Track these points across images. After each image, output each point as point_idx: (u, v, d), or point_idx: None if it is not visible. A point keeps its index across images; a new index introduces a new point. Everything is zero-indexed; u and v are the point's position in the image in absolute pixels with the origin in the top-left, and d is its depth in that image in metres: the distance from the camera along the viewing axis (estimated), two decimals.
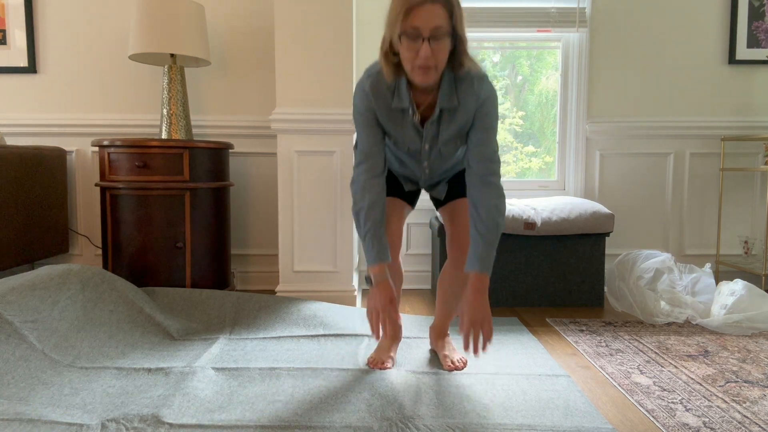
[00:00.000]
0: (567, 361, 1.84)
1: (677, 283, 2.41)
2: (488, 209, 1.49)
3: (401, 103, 1.49)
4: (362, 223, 1.53)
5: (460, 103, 1.48)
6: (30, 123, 2.89)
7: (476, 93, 1.48)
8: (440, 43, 1.35)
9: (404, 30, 1.35)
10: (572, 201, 2.60)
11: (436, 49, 1.35)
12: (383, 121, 1.54)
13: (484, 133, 1.51)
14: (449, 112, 1.51)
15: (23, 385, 1.52)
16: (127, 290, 2.10)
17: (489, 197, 1.49)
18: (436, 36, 1.34)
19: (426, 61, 1.36)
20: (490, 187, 1.50)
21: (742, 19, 2.94)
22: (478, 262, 1.50)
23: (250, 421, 1.35)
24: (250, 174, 2.95)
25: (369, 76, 1.52)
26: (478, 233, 1.50)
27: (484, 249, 1.49)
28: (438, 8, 1.34)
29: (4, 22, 2.86)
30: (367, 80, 1.52)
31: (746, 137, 2.85)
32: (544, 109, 3.11)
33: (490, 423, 1.36)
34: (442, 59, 1.38)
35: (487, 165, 1.51)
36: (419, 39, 1.34)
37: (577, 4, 2.90)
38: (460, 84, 1.48)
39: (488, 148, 1.51)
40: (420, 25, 1.33)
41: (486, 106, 1.49)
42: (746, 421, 1.39)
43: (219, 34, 2.88)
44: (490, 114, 1.50)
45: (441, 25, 1.33)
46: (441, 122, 1.53)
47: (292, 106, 2.47)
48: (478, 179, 1.51)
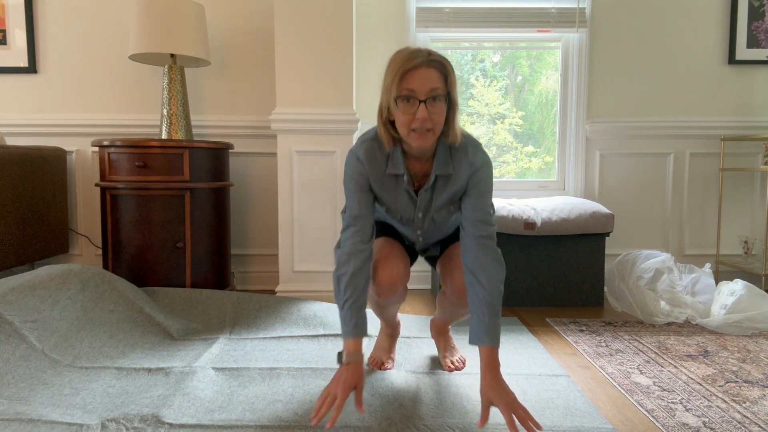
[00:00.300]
0: (567, 361, 1.84)
1: (677, 283, 2.41)
2: (489, 276, 1.40)
3: (395, 170, 1.46)
4: (342, 290, 1.42)
5: (455, 169, 1.46)
6: (30, 123, 2.89)
7: (470, 161, 1.45)
8: (436, 106, 1.33)
9: (400, 93, 1.33)
10: (572, 201, 2.60)
11: (432, 111, 1.33)
12: (376, 187, 1.50)
13: (479, 198, 1.46)
14: (444, 179, 1.47)
15: (23, 385, 1.52)
16: (127, 290, 2.10)
17: (488, 262, 1.41)
18: (433, 98, 1.32)
19: (423, 124, 1.33)
20: (488, 250, 1.43)
21: (742, 19, 2.94)
22: (487, 336, 1.37)
23: (250, 421, 1.36)
24: (250, 174, 2.95)
25: (363, 142, 1.49)
26: (482, 302, 1.39)
27: (491, 319, 1.38)
28: (433, 72, 1.33)
29: (4, 22, 2.86)
30: (360, 147, 1.48)
31: (746, 137, 2.85)
32: (544, 109, 3.11)
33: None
34: (439, 122, 1.36)
35: (482, 227, 1.45)
36: (415, 102, 1.33)
37: (577, 4, 2.91)
38: (455, 151, 1.45)
39: (483, 211, 1.46)
40: (416, 88, 1.32)
41: (480, 173, 1.46)
42: (746, 421, 1.39)
43: (219, 34, 2.88)
44: (484, 180, 1.46)
45: (437, 87, 1.32)
46: (435, 189, 1.49)
47: (292, 106, 2.47)
48: (474, 241, 1.44)
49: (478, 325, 1.39)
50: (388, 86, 1.36)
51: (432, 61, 1.33)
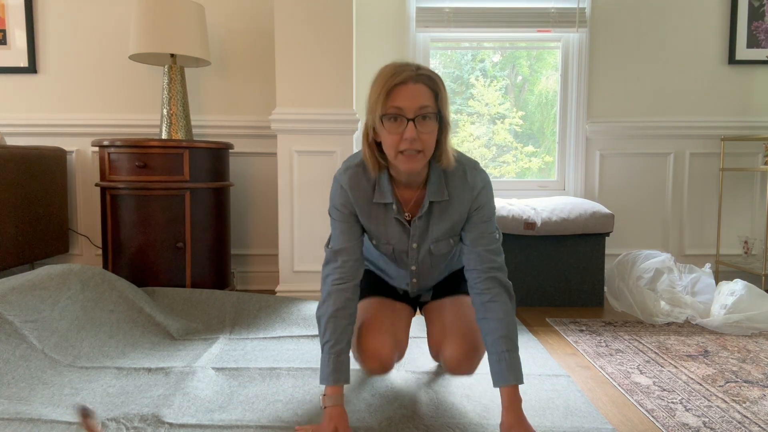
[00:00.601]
0: (567, 361, 1.84)
1: (677, 283, 2.41)
2: (504, 311, 1.28)
3: (383, 198, 1.33)
4: (321, 332, 1.31)
5: (451, 196, 1.33)
6: (30, 123, 2.89)
7: (471, 184, 1.33)
8: (426, 125, 1.21)
9: (386, 112, 1.21)
10: (572, 201, 2.60)
11: (422, 131, 1.21)
12: (363, 218, 1.37)
13: (483, 225, 1.34)
14: (439, 206, 1.35)
15: (23, 385, 1.52)
16: (127, 290, 2.10)
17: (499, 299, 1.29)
18: (423, 116, 1.20)
19: (412, 144, 1.20)
20: (498, 286, 1.31)
21: (742, 19, 2.94)
22: (511, 374, 1.25)
23: (250, 421, 1.36)
24: (250, 174, 2.95)
25: (347, 169, 1.36)
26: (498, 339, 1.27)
27: (511, 355, 1.26)
28: (422, 88, 1.21)
29: (4, 22, 2.86)
30: (344, 174, 1.35)
31: (746, 137, 2.85)
32: (544, 109, 3.11)
33: (490, 423, 1.36)
34: (430, 142, 1.23)
35: (489, 259, 1.32)
36: (403, 120, 1.20)
37: (577, 4, 2.91)
38: (451, 176, 1.33)
39: (490, 240, 1.34)
40: (403, 105, 1.19)
41: (482, 198, 1.34)
42: (746, 421, 1.39)
43: (219, 34, 2.88)
44: (486, 205, 1.35)
45: (427, 105, 1.20)
46: (431, 217, 1.36)
47: (292, 106, 2.48)
48: (482, 277, 1.31)
49: (498, 363, 1.26)
50: (372, 104, 1.24)
51: (421, 75, 1.21)
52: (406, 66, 1.22)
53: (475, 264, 1.33)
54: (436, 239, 1.39)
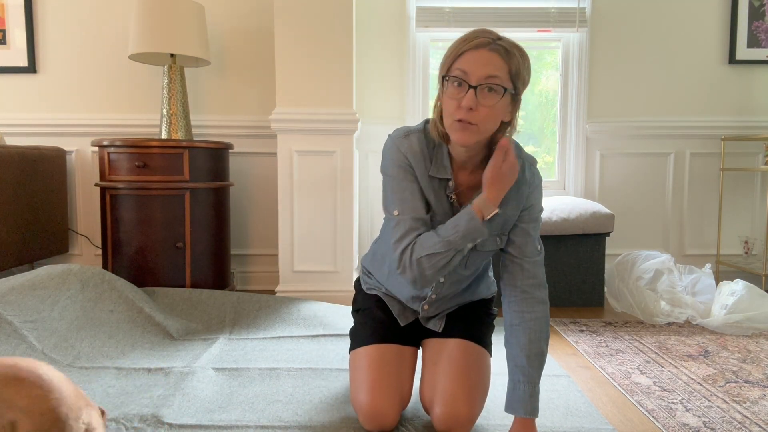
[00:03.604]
0: (567, 361, 1.84)
1: (677, 284, 2.41)
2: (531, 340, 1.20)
3: (441, 173, 1.23)
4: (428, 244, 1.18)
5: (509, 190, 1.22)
6: (30, 123, 2.89)
7: (529, 181, 1.24)
8: (489, 97, 1.10)
9: (450, 73, 1.12)
10: (572, 201, 2.60)
11: (482, 102, 1.10)
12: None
13: (531, 226, 1.25)
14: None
15: None
16: (127, 290, 2.10)
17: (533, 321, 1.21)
18: (487, 87, 1.09)
19: (467, 115, 1.10)
20: (535, 305, 1.22)
21: (742, 19, 2.94)
22: (521, 406, 1.19)
23: (250, 421, 1.35)
24: (250, 174, 2.95)
25: (408, 134, 1.25)
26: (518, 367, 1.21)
27: (525, 387, 1.19)
28: (495, 57, 1.10)
29: (4, 22, 2.86)
30: (403, 139, 1.24)
31: (746, 137, 2.85)
32: (544, 109, 3.11)
33: (490, 423, 1.36)
34: (487, 118, 1.11)
35: (534, 274, 1.23)
36: (465, 86, 1.10)
37: (577, 4, 2.90)
38: None
39: (533, 250, 1.25)
40: (468, 69, 1.10)
41: (536, 194, 1.25)
42: (746, 421, 1.39)
43: (219, 34, 2.88)
44: (538, 202, 1.26)
45: (495, 76, 1.09)
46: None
47: (292, 106, 2.47)
48: (521, 300, 1.22)
49: (512, 391, 1.21)
50: (442, 64, 1.15)
51: (498, 45, 1.10)
52: (487, 32, 1.12)
53: (518, 279, 1.24)
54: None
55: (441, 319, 1.42)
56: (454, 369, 1.28)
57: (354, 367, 1.35)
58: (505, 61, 1.11)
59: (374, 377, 1.28)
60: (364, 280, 1.52)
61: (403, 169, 1.23)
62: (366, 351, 1.35)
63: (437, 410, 1.24)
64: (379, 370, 1.30)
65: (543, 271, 1.26)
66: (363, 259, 1.53)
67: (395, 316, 1.42)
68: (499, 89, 1.10)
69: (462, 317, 1.42)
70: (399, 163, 1.23)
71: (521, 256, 1.25)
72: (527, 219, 1.26)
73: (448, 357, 1.31)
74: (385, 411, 1.25)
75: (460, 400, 1.23)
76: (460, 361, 1.30)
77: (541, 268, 1.26)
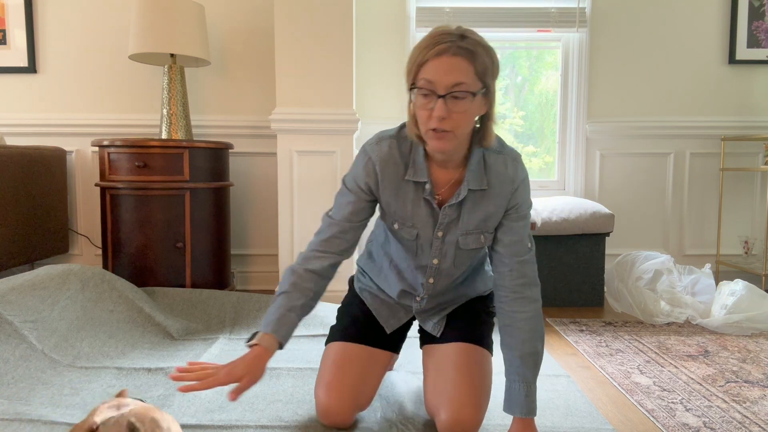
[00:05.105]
0: (567, 361, 1.84)
1: (677, 284, 2.41)
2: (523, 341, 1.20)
3: (417, 176, 1.22)
4: (283, 281, 1.25)
5: (490, 185, 1.22)
6: (30, 123, 2.89)
7: (512, 177, 1.22)
8: (459, 104, 1.08)
9: (416, 83, 1.11)
10: (572, 201, 2.60)
11: (454, 110, 1.09)
12: (388, 195, 1.25)
13: (519, 225, 1.24)
14: (475, 195, 1.23)
15: (23, 385, 1.52)
16: (127, 290, 2.10)
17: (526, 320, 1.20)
18: (455, 95, 1.08)
19: (441, 124, 1.09)
20: (526, 304, 1.21)
21: (742, 19, 2.94)
22: (517, 408, 1.19)
23: (250, 421, 1.35)
24: (250, 174, 2.95)
25: (381, 140, 1.24)
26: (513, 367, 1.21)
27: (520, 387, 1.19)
28: (460, 62, 1.07)
29: (4, 22, 2.86)
30: (376, 146, 1.24)
31: (746, 137, 2.85)
32: (544, 109, 3.11)
33: (490, 423, 1.36)
34: (462, 123, 1.11)
35: (523, 273, 1.22)
36: (433, 96, 1.09)
37: (577, 4, 2.91)
38: (493, 164, 1.22)
39: (522, 249, 1.23)
40: (434, 79, 1.08)
41: (521, 190, 1.23)
42: (746, 421, 1.39)
43: (219, 34, 2.88)
44: (524, 202, 1.24)
45: (462, 82, 1.07)
46: (464, 206, 1.24)
47: (292, 106, 2.47)
48: (513, 300, 1.22)
49: (509, 392, 1.21)
50: (407, 73, 1.14)
51: (461, 48, 1.07)
52: (446, 35, 1.08)
53: (507, 279, 1.23)
54: (467, 231, 1.25)
55: (440, 321, 1.41)
56: (457, 374, 1.27)
57: (321, 362, 1.38)
58: (469, 62, 1.08)
59: (333, 375, 1.30)
60: (358, 278, 1.53)
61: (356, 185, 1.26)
62: (332, 348, 1.38)
63: (443, 416, 1.23)
64: (340, 368, 1.31)
65: (534, 268, 1.25)
66: (359, 259, 1.54)
67: (381, 324, 1.42)
68: (467, 94, 1.08)
69: (461, 318, 1.41)
70: (356, 178, 1.26)
71: (510, 256, 1.23)
72: (515, 217, 1.24)
73: (450, 362, 1.30)
74: (337, 410, 1.27)
75: (465, 406, 1.23)
76: (463, 365, 1.29)
77: (531, 266, 1.24)
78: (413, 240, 1.28)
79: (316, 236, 1.29)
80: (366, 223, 1.30)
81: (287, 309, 1.21)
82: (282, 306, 1.21)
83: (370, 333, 1.40)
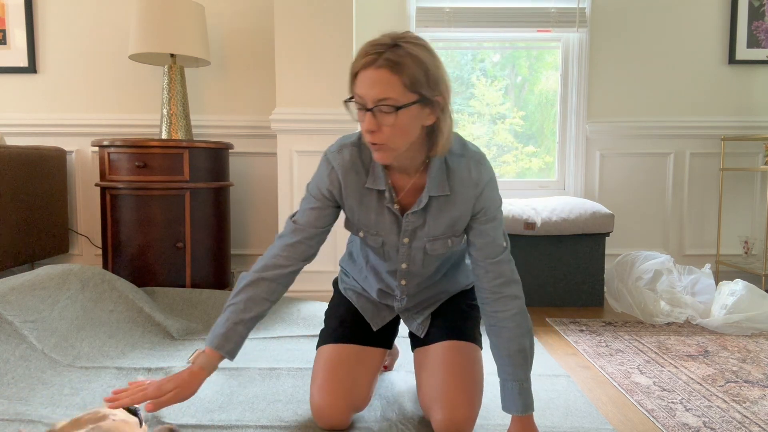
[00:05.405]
0: (567, 361, 1.84)
1: (676, 284, 2.41)
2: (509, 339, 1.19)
3: (376, 184, 1.21)
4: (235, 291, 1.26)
5: (453, 191, 1.20)
6: (30, 123, 2.89)
7: (475, 180, 1.19)
8: (386, 118, 1.06)
9: (351, 95, 1.10)
10: (572, 201, 2.60)
11: (383, 123, 1.06)
12: (353, 204, 1.25)
13: (489, 227, 1.21)
14: (439, 201, 1.21)
15: (23, 385, 1.52)
16: (127, 290, 2.10)
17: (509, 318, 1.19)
18: (381, 109, 1.05)
19: (371, 137, 1.08)
20: (508, 302, 1.20)
21: (742, 19, 2.94)
22: (512, 404, 1.19)
23: (250, 421, 1.35)
24: (250, 174, 2.95)
25: (341, 148, 1.23)
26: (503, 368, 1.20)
27: (513, 385, 1.18)
28: (384, 74, 1.03)
29: (4, 22, 2.86)
30: (337, 154, 1.23)
31: (746, 137, 2.85)
32: (544, 109, 3.11)
33: (490, 423, 1.36)
34: (394, 136, 1.08)
35: (500, 273, 1.20)
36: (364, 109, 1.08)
37: (577, 4, 2.91)
38: (455, 168, 1.19)
39: (496, 250, 1.21)
40: (362, 93, 1.06)
41: (486, 195, 1.20)
42: (746, 421, 1.39)
43: (219, 34, 2.88)
44: (492, 200, 1.21)
45: (387, 97, 1.04)
46: (428, 213, 1.22)
47: (292, 106, 2.47)
48: (494, 301, 1.20)
49: (503, 391, 1.21)
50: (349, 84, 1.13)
51: (387, 60, 1.03)
52: (376, 45, 1.05)
53: (484, 281, 1.22)
54: (434, 237, 1.25)
55: (424, 322, 1.41)
56: (447, 375, 1.27)
57: (313, 367, 1.38)
58: (394, 74, 1.03)
59: (325, 377, 1.30)
60: (342, 279, 1.54)
61: (319, 191, 1.26)
62: (322, 351, 1.38)
63: (437, 416, 1.23)
64: (332, 370, 1.31)
65: (511, 267, 1.23)
66: (341, 260, 1.54)
67: (368, 321, 1.42)
68: (391, 108, 1.05)
69: (445, 316, 1.41)
70: (319, 185, 1.25)
71: (484, 258, 1.22)
72: (483, 220, 1.22)
73: (439, 363, 1.30)
74: (332, 412, 1.27)
75: (458, 405, 1.23)
76: (452, 365, 1.29)
77: (507, 264, 1.22)
78: (380, 247, 1.29)
79: (279, 240, 1.28)
80: (330, 228, 1.31)
81: (235, 323, 1.22)
82: (230, 320, 1.22)
83: (358, 332, 1.40)
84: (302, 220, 1.26)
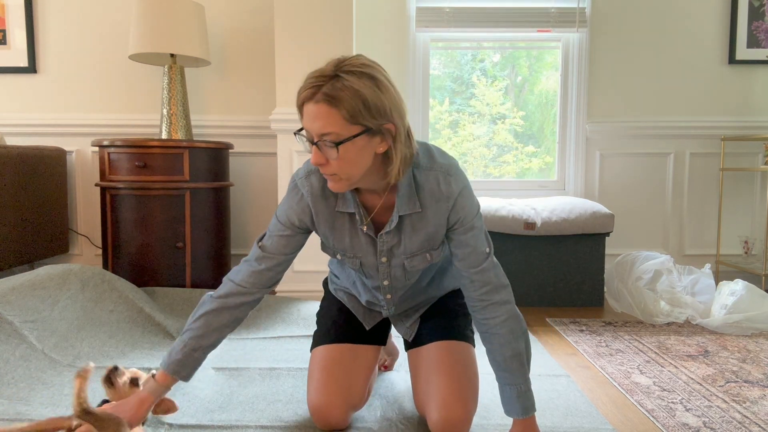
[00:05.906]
0: (567, 361, 1.84)
1: (676, 284, 2.41)
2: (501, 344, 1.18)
3: (346, 207, 1.20)
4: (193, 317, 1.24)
5: (424, 206, 1.17)
6: (30, 123, 2.89)
7: (446, 194, 1.15)
8: (330, 152, 1.04)
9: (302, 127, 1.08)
10: (572, 201, 2.60)
11: (329, 156, 1.05)
12: (325, 229, 1.24)
13: (469, 236, 1.18)
14: (411, 218, 1.19)
15: (23, 385, 1.52)
16: (127, 290, 2.10)
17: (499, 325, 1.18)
18: (325, 143, 1.04)
19: (322, 170, 1.08)
20: (496, 309, 1.18)
21: (742, 19, 2.94)
22: (512, 407, 1.19)
23: (250, 421, 1.35)
24: (250, 174, 2.95)
25: (309, 173, 1.20)
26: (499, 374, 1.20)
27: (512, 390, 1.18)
28: (323, 109, 1.01)
29: (4, 22, 2.86)
30: (305, 180, 1.21)
31: (746, 137, 2.85)
32: (544, 109, 3.11)
33: (490, 423, 1.36)
34: (344, 167, 1.06)
35: (485, 281, 1.18)
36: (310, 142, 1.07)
37: (577, 4, 2.91)
38: (424, 183, 1.16)
39: (478, 258, 1.19)
40: (306, 126, 1.05)
41: (459, 206, 1.16)
42: (746, 421, 1.39)
43: (219, 34, 2.88)
44: (467, 210, 1.18)
45: (326, 133, 1.02)
46: (402, 231, 1.21)
47: (292, 106, 2.47)
48: (482, 309, 1.19)
49: (502, 395, 1.21)
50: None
51: (324, 95, 1.00)
52: (315, 78, 1.02)
53: (470, 290, 1.21)
54: (411, 254, 1.24)
55: (413, 325, 1.41)
56: (441, 375, 1.27)
57: (309, 369, 1.37)
58: (333, 108, 1.00)
59: (322, 378, 1.30)
60: (332, 280, 1.54)
61: (288, 219, 1.23)
62: (317, 352, 1.38)
63: (433, 417, 1.23)
64: (328, 371, 1.31)
65: (496, 272, 1.20)
66: (330, 262, 1.54)
67: (360, 320, 1.42)
68: (331, 143, 1.02)
69: (435, 317, 1.41)
70: (287, 212, 1.23)
71: (468, 268, 1.20)
72: (461, 231, 1.19)
73: (432, 363, 1.30)
74: (330, 412, 1.27)
75: (453, 405, 1.22)
76: (445, 365, 1.29)
77: (491, 271, 1.20)
78: (359, 267, 1.29)
79: (246, 265, 1.26)
80: (299, 251, 1.29)
81: (193, 349, 1.22)
82: (188, 346, 1.22)
83: (351, 331, 1.40)
84: (271, 248, 1.24)
